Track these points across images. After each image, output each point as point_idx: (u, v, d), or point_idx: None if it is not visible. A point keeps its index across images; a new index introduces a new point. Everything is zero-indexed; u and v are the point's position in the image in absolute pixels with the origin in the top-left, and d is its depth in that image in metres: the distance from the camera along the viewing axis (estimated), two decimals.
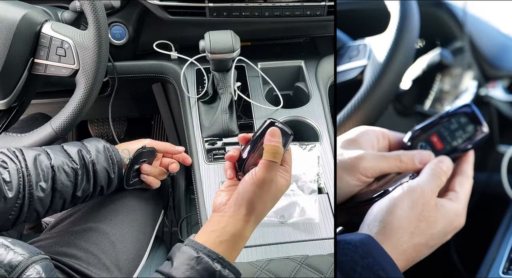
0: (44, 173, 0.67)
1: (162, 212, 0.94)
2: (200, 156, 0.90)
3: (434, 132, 0.55)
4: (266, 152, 0.55)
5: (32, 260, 0.51)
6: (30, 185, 0.65)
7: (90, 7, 0.74)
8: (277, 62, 1.09)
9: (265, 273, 0.68)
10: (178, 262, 0.52)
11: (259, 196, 0.54)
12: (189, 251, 0.52)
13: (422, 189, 0.49)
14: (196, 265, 0.51)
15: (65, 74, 0.78)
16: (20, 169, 0.65)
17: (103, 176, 0.73)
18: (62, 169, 0.68)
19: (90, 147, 0.74)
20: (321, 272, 0.68)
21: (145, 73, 1.06)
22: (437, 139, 0.55)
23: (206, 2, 0.95)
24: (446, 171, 0.53)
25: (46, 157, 0.69)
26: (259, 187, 0.54)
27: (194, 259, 0.51)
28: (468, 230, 1.02)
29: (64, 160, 0.69)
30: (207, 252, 0.52)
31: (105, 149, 0.75)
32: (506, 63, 1.04)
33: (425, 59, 0.94)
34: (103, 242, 0.76)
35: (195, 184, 0.87)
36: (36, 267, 0.51)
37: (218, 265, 0.51)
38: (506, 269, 0.75)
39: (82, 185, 0.71)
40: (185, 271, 0.51)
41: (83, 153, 0.72)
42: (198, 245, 0.53)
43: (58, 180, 0.68)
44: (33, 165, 0.66)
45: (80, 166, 0.71)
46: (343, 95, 0.75)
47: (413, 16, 0.72)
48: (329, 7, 0.99)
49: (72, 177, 0.69)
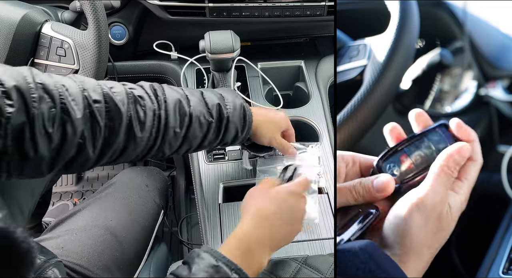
0: (182, 120, 0.65)
1: (162, 212, 0.94)
2: (200, 156, 0.90)
3: (403, 152, 0.51)
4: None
5: (50, 263, 0.52)
6: (166, 129, 0.63)
7: (90, 7, 0.74)
8: (277, 62, 1.09)
9: (265, 273, 0.68)
10: (196, 268, 0.52)
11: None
12: (208, 258, 0.52)
13: (433, 201, 0.45)
14: (215, 273, 0.51)
15: (65, 74, 0.78)
16: (158, 110, 0.62)
17: (232, 132, 0.71)
18: (198, 120, 0.66)
19: (228, 101, 0.70)
20: (321, 272, 0.68)
21: (145, 73, 1.06)
22: (406, 158, 0.51)
23: (206, 2, 0.95)
24: (457, 165, 0.47)
25: (186, 103, 0.66)
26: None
27: (213, 267, 0.51)
28: (468, 230, 1.02)
29: (202, 111, 0.67)
30: (226, 261, 0.52)
31: (242, 108, 0.71)
32: (506, 63, 1.04)
33: (425, 59, 0.94)
34: (104, 243, 0.76)
35: (195, 184, 0.87)
36: (54, 269, 0.51)
37: (236, 276, 0.51)
38: (506, 269, 0.75)
39: (211, 138, 0.69)
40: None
41: (221, 108, 0.69)
42: (217, 254, 0.53)
43: (192, 129, 0.66)
44: (173, 109, 0.63)
45: (215, 119, 0.68)
46: (343, 95, 0.75)
47: (413, 16, 0.72)
48: (329, 7, 1.00)
49: (205, 128, 0.67)
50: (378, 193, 0.48)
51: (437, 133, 0.51)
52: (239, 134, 0.71)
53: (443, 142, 0.50)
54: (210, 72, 0.96)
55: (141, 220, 0.84)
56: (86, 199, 0.86)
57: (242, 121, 0.71)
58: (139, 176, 0.93)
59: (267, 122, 0.75)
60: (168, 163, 1.57)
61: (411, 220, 0.45)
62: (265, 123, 0.75)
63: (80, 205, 0.84)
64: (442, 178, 0.46)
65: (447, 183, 0.47)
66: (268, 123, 0.75)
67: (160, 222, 0.93)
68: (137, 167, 0.99)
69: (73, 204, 1.49)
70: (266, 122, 0.75)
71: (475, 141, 0.50)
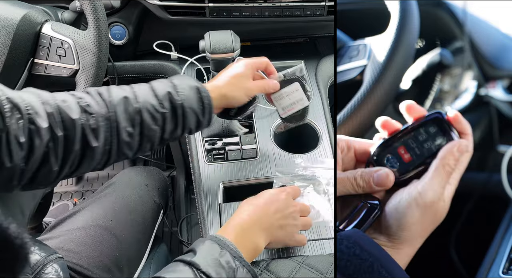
0: (132, 118, 0.62)
1: (162, 211, 0.94)
2: (200, 156, 0.90)
3: (401, 144, 0.51)
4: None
5: (49, 259, 0.52)
6: (118, 130, 0.61)
7: (90, 7, 0.74)
8: (277, 62, 1.08)
9: (265, 273, 0.68)
10: (201, 252, 0.56)
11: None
12: (213, 245, 0.57)
13: (432, 198, 0.47)
14: (220, 257, 0.55)
15: (65, 74, 0.78)
16: (106, 114, 0.61)
17: (192, 119, 0.67)
18: (149, 114, 0.64)
19: (180, 87, 0.67)
20: (321, 272, 0.68)
21: (145, 73, 1.06)
22: (404, 150, 0.51)
23: (206, 2, 0.95)
24: (456, 162, 0.48)
25: (133, 99, 0.63)
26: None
27: (218, 252, 0.56)
28: (468, 230, 1.02)
29: (152, 103, 0.64)
30: (230, 249, 0.57)
31: (195, 90, 0.67)
32: (506, 63, 1.04)
33: (425, 59, 0.94)
34: (103, 243, 0.76)
35: (195, 184, 0.87)
36: (54, 265, 0.52)
37: (238, 263, 0.55)
38: (506, 269, 0.75)
39: (170, 129, 0.66)
40: (209, 260, 0.54)
41: (172, 96, 0.66)
42: (222, 242, 0.57)
43: (146, 125, 0.63)
44: (121, 109, 0.62)
45: (168, 109, 0.65)
46: (343, 95, 0.75)
47: (413, 16, 0.72)
48: (329, 7, 0.99)
49: (160, 121, 0.65)
50: (378, 186, 0.49)
51: (433, 125, 0.51)
52: (200, 118, 0.68)
53: (441, 134, 0.50)
54: (210, 72, 0.96)
55: (141, 219, 0.84)
56: (86, 199, 0.86)
57: (200, 103, 0.67)
58: (139, 175, 0.93)
59: (229, 84, 0.72)
60: (168, 163, 1.57)
61: (410, 215, 0.46)
62: (228, 86, 0.72)
63: (79, 205, 0.84)
64: (442, 175, 0.47)
65: (446, 179, 0.48)
66: (231, 85, 0.72)
67: (160, 222, 0.93)
68: (137, 167, 0.99)
69: (73, 204, 1.49)
70: (228, 85, 0.72)
71: (469, 135, 0.51)
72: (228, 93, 0.71)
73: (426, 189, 0.47)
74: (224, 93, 0.71)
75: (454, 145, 0.49)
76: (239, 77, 0.73)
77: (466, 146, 0.49)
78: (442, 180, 0.47)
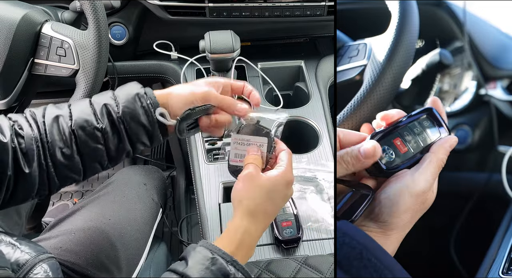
0: (66, 138, 0.57)
1: (161, 210, 0.94)
2: (200, 156, 0.90)
3: (396, 136, 0.53)
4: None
5: (39, 259, 0.52)
6: (51, 153, 0.57)
7: (90, 7, 0.74)
8: (277, 62, 1.09)
9: (265, 273, 0.68)
10: (193, 262, 0.52)
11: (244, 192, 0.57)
12: (204, 252, 0.53)
13: (424, 189, 0.49)
14: (211, 265, 0.51)
15: (65, 74, 0.78)
16: (38, 136, 0.57)
17: (139, 131, 0.59)
18: (84, 131, 0.58)
19: (120, 98, 0.59)
20: (321, 272, 0.68)
21: (145, 73, 1.06)
22: (400, 142, 0.53)
23: (206, 2, 0.95)
24: (447, 156, 0.51)
25: (68, 117, 0.58)
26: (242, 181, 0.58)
27: (209, 259, 0.51)
28: (468, 230, 1.02)
29: (88, 119, 0.58)
30: (222, 254, 0.52)
31: (138, 99, 0.59)
32: (505, 63, 1.05)
33: (425, 59, 0.94)
34: (102, 242, 0.76)
35: (195, 184, 0.87)
36: (43, 266, 0.51)
37: (232, 268, 0.52)
38: (506, 269, 0.75)
39: (114, 145, 0.59)
40: (200, 271, 0.51)
41: (109, 108, 0.59)
42: (213, 247, 0.53)
43: (82, 143, 0.58)
44: (53, 128, 0.57)
45: (106, 124, 0.58)
46: (343, 95, 0.75)
47: (413, 16, 0.72)
48: (329, 7, 1.00)
49: (99, 138, 0.58)
50: (366, 159, 0.50)
51: (426, 118, 0.54)
52: (150, 130, 0.60)
53: (433, 127, 0.54)
54: (210, 72, 0.96)
55: (140, 218, 0.84)
56: (85, 198, 0.86)
57: (145, 115, 0.59)
58: (137, 174, 0.93)
59: (177, 96, 0.61)
60: (168, 163, 1.57)
61: (402, 203, 0.48)
62: (173, 97, 0.61)
63: (78, 204, 0.84)
64: (435, 168, 0.50)
65: (437, 172, 0.50)
66: (179, 86, 0.63)
67: (159, 221, 0.93)
68: (136, 166, 1.00)
69: (73, 204, 1.49)
70: (175, 96, 0.61)
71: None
72: (173, 91, 0.61)
73: (419, 178, 0.49)
74: (169, 92, 0.61)
75: (447, 141, 0.52)
76: (194, 82, 0.64)
77: (456, 141, 0.52)
78: (434, 171, 0.50)
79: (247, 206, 0.56)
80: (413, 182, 0.49)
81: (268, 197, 0.57)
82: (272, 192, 0.57)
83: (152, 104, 0.59)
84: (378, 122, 0.55)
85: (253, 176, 0.57)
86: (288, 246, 0.75)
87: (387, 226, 0.49)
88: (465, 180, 1.06)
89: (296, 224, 0.77)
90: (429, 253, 1.08)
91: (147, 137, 0.60)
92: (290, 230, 0.76)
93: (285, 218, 0.77)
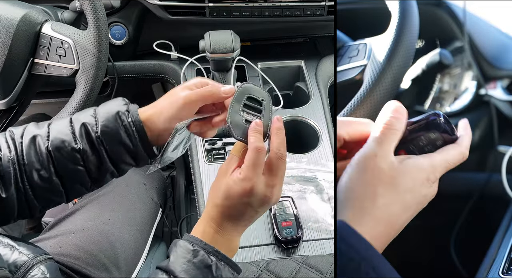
0: (43, 159, 0.55)
1: (160, 210, 0.94)
2: (200, 156, 0.90)
3: (401, 149, 0.47)
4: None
5: (37, 260, 0.51)
6: (28, 175, 0.55)
7: (90, 7, 0.74)
8: (277, 62, 1.09)
9: (265, 273, 0.68)
10: (175, 256, 0.51)
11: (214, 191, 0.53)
12: (185, 245, 0.51)
13: (366, 152, 0.44)
14: (193, 258, 0.50)
15: (65, 74, 0.78)
16: (15, 158, 0.54)
17: (121, 151, 0.56)
18: (61, 153, 0.55)
19: (100, 116, 0.56)
20: (321, 272, 0.68)
21: (145, 73, 1.06)
22: (404, 154, 0.48)
23: (206, 2, 0.95)
24: (400, 122, 0.46)
25: (45, 137, 0.56)
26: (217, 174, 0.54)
27: (190, 252, 0.50)
28: (468, 230, 1.02)
29: (64, 140, 0.55)
30: (203, 245, 0.51)
31: (117, 118, 0.56)
32: (505, 63, 1.04)
33: (425, 59, 0.94)
34: (102, 242, 0.76)
35: (195, 184, 0.87)
36: (41, 267, 0.51)
37: (214, 258, 0.50)
38: (506, 269, 0.75)
39: (95, 166, 0.56)
40: (182, 264, 0.49)
41: (88, 127, 0.56)
42: (194, 239, 0.52)
43: (60, 165, 0.55)
44: (30, 150, 0.55)
45: (84, 144, 0.55)
46: (343, 95, 0.75)
47: (413, 16, 0.72)
48: (329, 7, 1.00)
49: (78, 159, 0.55)
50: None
51: (433, 130, 0.47)
52: (131, 149, 0.56)
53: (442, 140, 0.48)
54: (210, 72, 0.96)
55: (139, 218, 0.84)
56: (84, 198, 0.86)
57: (126, 134, 0.56)
58: (137, 174, 0.93)
59: (159, 110, 0.57)
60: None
61: (348, 175, 0.44)
62: (154, 113, 0.57)
63: (78, 204, 0.84)
64: (376, 129, 0.46)
65: (383, 138, 0.45)
66: (159, 111, 0.57)
67: (159, 221, 0.93)
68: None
69: (73, 204, 1.49)
70: (157, 112, 0.57)
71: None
72: (156, 105, 0.57)
73: (363, 148, 0.44)
74: (149, 115, 0.57)
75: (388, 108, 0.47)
76: (169, 92, 0.58)
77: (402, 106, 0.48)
78: (380, 139, 0.44)
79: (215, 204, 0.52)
80: (358, 152, 0.44)
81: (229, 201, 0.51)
82: (228, 199, 0.51)
83: (134, 122, 0.55)
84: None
85: (222, 172, 0.52)
86: (288, 246, 0.75)
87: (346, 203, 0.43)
88: (465, 180, 1.06)
89: (296, 224, 0.77)
90: (429, 253, 1.08)
91: (130, 157, 0.57)
92: (290, 230, 0.76)
93: (285, 218, 0.77)
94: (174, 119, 0.56)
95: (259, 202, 0.50)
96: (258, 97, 0.56)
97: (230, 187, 0.50)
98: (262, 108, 0.56)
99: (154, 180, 0.96)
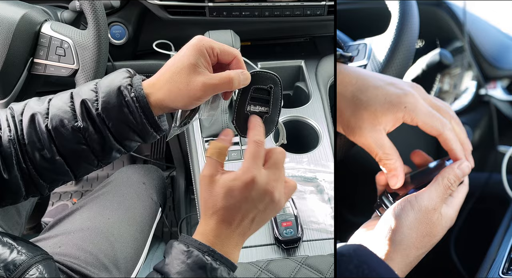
0: (43, 138, 0.52)
1: (160, 210, 0.94)
2: (200, 156, 0.90)
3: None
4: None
5: (35, 260, 0.51)
6: (30, 156, 0.52)
7: (89, 7, 0.74)
8: (277, 62, 1.09)
9: (265, 273, 0.68)
10: (170, 258, 0.50)
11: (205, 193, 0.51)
12: (179, 246, 0.50)
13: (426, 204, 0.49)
14: (187, 259, 0.48)
15: (64, 74, 0.78)
16: (15, 137, 0.52)
17: (124, 129, 0.52)
18: (61, 132, 0.51)
19: (101, 90, 0.51)
20: (321, 272, 0.68)
21: (145, 73, 1.05)
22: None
23: (206, 1, 0.95)
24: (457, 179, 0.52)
25: (44, 115, 0.52)
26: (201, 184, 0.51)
27: (184, 253, 0.49)
28: (468, 230, 1.02)
29: (64, 118, 0.51)
30: (198, 245, 0.49)
31: (119, 93, 0.50)
32: (505, 63, 1.04)
33: (425, 59, 0.94)
34: (101, 241, 0.76)
35: (195, 184, 0.87)
36: (39, 267, 0.51)
37: (209, 258, 0.48)
38: (506, 269, 0.75)
39: (99, 145, 0.53)
40: (177, 266, 0.49)
41: (88, 104, 0.51)
42: (189, 240, 0.50)
43: (62, 144, 0.52)
44: (30, 129, 0.52)
45: (85, 122, 0.51)
46: None
47: (413, 16, 0.72)
48: (329, 7, 1.00)
49: (80, 138, 0.52)
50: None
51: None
52: (134, 127, 0.52)
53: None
54: None
55: (139, 217, 0.84)
56: (84, 198, 0.86)
57: (128, 111, 0.51)
58: (136, 174, 0.93)
59: (168, 82, 0.50)
60: (168, 163, 1.57)
61: (404, 218, 0.48)
62: (166, 86, 0.51)
63: (77, 204, 0.84)
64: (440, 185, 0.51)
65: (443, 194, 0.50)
66: (169, 84, 0.50)
67: (158, 221, 0.93)
68: (135, 165, 0.99)
69: (72, 204, 1.49)
70: (166, 84, 0.51)
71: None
72: (166, 99, 0.51)
73: (422, 194, 0.50)
74: (161, 99, 0.51)
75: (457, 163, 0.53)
76: (184, 74, 0.50)
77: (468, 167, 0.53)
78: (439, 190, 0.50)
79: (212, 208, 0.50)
80: (416, 196, 0.50)
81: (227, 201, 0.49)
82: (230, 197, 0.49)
83: (138, 98, 0.50)
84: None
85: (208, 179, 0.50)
86: (288, 246, 0.75)
87: (390, 247, 0.48)
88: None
89: (296, 224, 0.77)
90: (429, 253, 1.08)
91: (136, 135, 0.53)
92: (290, 230, 0.76)
93: (285, 218, 0.77)
94: (189, 106, 0.52)
95: (260, 196, 0.48)
96: (265, 86, 0.54)
97: (230, 186, 0.49)
98: (269, 98, 0.54)
99: (154, 179, 0.96)
